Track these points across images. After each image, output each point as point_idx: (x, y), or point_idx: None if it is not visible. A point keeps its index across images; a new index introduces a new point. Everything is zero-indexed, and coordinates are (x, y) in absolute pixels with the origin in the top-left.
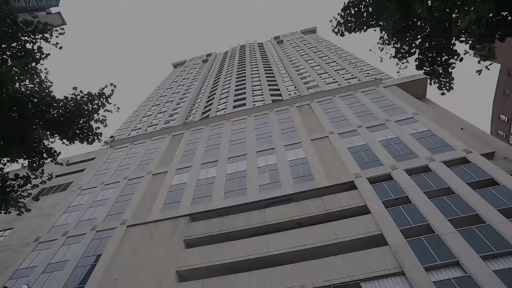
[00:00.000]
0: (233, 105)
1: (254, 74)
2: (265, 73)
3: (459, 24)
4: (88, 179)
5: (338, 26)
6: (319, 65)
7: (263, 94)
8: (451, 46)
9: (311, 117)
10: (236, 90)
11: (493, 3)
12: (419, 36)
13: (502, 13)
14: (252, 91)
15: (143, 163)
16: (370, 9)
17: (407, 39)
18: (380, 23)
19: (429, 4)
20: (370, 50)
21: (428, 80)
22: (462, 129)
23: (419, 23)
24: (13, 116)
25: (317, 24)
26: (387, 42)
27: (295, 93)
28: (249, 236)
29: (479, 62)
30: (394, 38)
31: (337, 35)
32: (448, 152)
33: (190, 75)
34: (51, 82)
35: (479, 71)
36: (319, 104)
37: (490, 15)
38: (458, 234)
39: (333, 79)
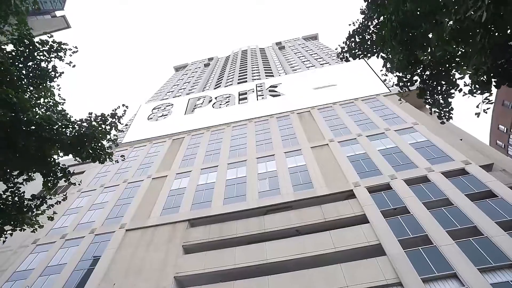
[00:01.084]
0: None
1: (255, 79)
2: (266, 79)
3: (460, 74)
4: (88, 181)
5: (343, 53)
6: None
7: None
8: (451, 77)
9: (311, 124)
10: None
11: (490, 55)
12: (421, 66)
13: (498, 62)
14: None
15: (143, 167)
16: (374, 37)
17: (410, 69)
18: (383, 55)
19: (433, 51)
20: (381, 71)
21: (429, 110)
22: (461, 139)
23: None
24: (31, 139)
25: (319, 30)
26: (389, 70)
27: None
28: (247, 243)
29: (477, 107)
30: (397, 70)
31: (341, 60)
32: (447, 162)
33: (191, 78)
34: (64, 99)
35: (478, 114)
36: (319, 111)
37: (488, 65)
38: (456, 246)
39: None
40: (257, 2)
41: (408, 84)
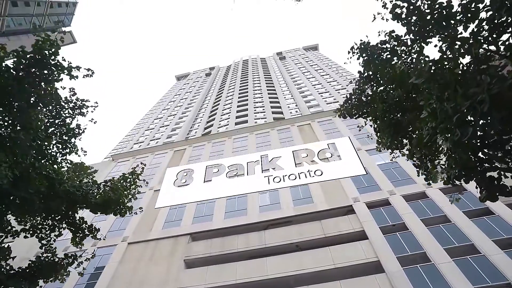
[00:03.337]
0: (235, 122)
1: (256, 90)
2: (267, 90)
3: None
4: None
5: (342, 111)
6: (321, 83)
7: (265, 112)
8: (436, 146)
9: (311, 137)
10: (238, 107)
11: (459, 162)
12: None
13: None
14: (254, 107)
15: (145, 178)
16: (369, 99)
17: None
18: (375, 126)
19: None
20: (368, 136)
21: (416, 172)
22: None
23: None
24: (63, 203)
25: (319, 41)
26: (380, 143)
27: (296, 111)
28: (248, 258)
29: (451, 196)
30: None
31: (339, 117)
32: None
33: (193, 88)
34: (85, 152)
35: (451, 201)
36: (319, 124)
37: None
38: (454, 264)
39: (334, 99)
40: (256, 2)
41: (399, 145)
